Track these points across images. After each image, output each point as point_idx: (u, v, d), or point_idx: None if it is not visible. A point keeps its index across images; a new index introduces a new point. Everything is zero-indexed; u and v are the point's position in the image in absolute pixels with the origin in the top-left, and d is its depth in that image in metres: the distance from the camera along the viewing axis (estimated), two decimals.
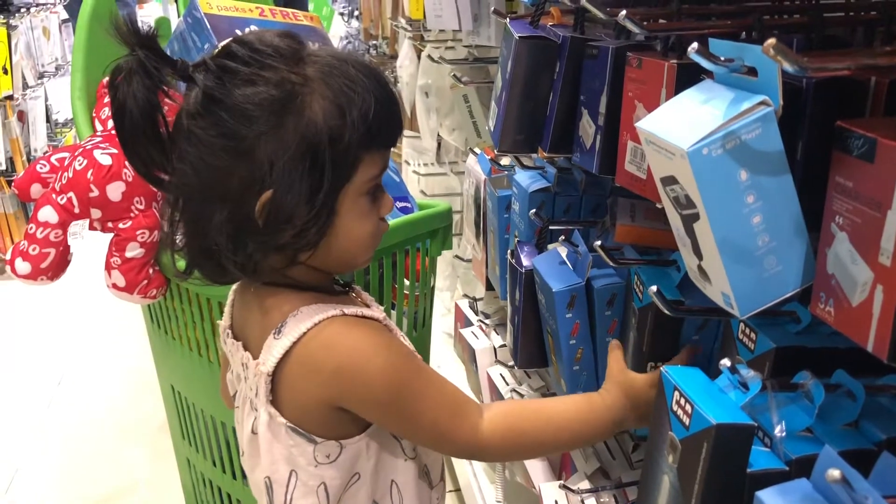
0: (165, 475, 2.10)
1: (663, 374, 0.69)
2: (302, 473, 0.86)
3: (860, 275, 0.58)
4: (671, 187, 0.67)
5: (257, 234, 0.81)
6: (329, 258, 0.86)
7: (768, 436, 0.67)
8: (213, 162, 0.79)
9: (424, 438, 0.89)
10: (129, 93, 0.79)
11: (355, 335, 0.83)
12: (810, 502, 0.55)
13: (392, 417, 0.86)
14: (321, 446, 0.85)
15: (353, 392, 0.83)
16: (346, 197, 0.83)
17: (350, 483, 0.88)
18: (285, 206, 0.79)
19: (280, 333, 0.83)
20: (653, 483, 0.70)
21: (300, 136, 0.79)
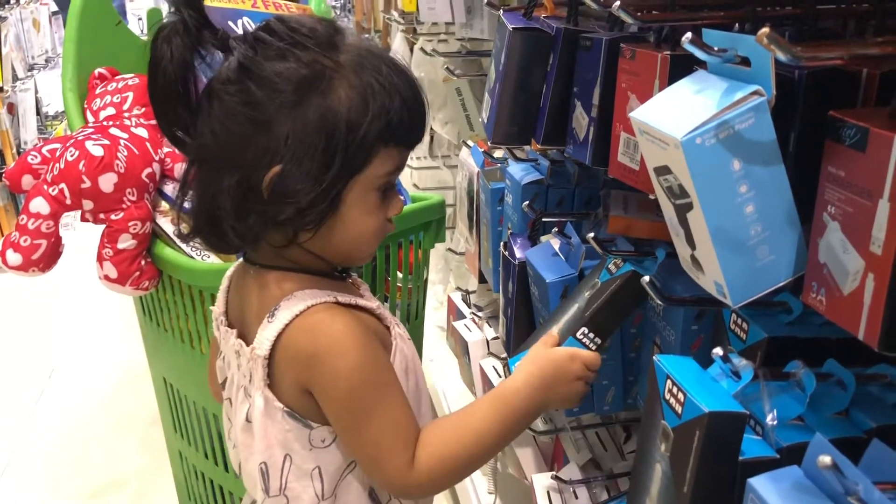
0: (157, 468, 2.10)
1: (656, 362, 0.69)
2: (296, 457, 0.87)
3: (852, 264, 0.59)
4: (665, 177, 0.67)
5: (261, 205, 0.82)
6: (329, 246, 0.86)
7: (760, 424, 0.67)
8: (233, 128, 0.81)
9: (361, 453, 0.86)
10: (167, 50, 0.80)
11: (339, 327, 0.83)
12: (801, 489, 0.56)
13: (342, 419, 0.84)
14: (316, 431, 0.86)
15: (319, 380, 0.83)
16: (355, 187, 0.83)
17: (346, 471, 0.88)
18: (291, 182, 0.80)
19: (273, 317, 0.84)
20: (645, 472, 0.71)
21: (319, 117, 0.80)
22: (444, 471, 0.86)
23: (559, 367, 0.90)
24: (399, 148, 0.85)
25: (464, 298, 1.78)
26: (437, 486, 0.88)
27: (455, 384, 1.97)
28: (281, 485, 0.88)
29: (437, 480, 0.86)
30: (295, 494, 0.88)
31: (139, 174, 1.39)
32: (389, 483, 0.86)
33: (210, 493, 1.66)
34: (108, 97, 1.53)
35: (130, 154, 1.39)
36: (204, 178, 0.85)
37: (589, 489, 1.11)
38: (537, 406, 0.89)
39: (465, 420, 0.88)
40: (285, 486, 0.88)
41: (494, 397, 0.89)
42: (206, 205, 0.84)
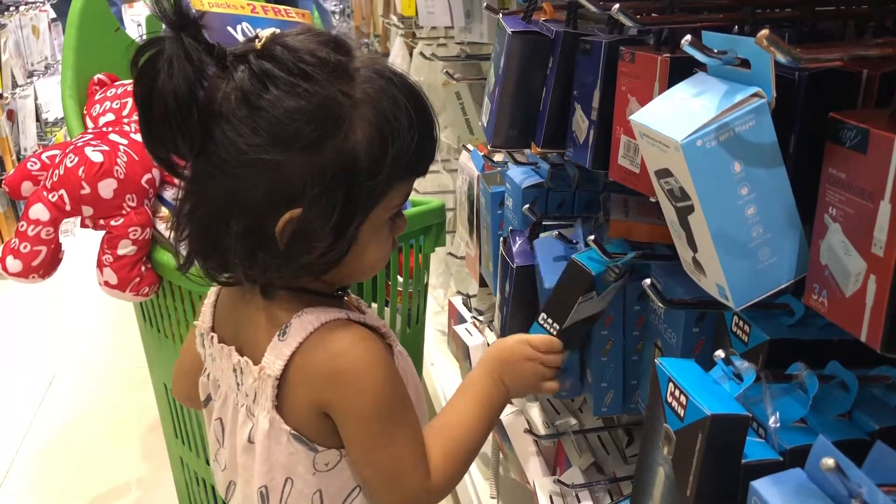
0: (157, 475, 2.10)
1: (657, 365, 0.69)
2: (298, 481, 0.84)
3: (853, 265, 0.58)
4: (665, 180, 0.67)
5: (277, 253, 0.77)
6: (337, 274, 0.84)
7: (762, 427, 0.67)
8: (239, 169, 0.75)
9: (383, 470, 0.84)
10: (167, 79, 0.72)
11: (363, 346, 0.81)
12: (805, 491, 0.56)
13: (366, 436, 0.82)
14: (321, 455, 0.83)
15: (342, 398, 0.81)
16: (369, 224, 0.80)
17: (351, 496, 0.86)
18: (311, 229, 0.76)
19: (285, 335, 0.80)
20: (648, 475, 0.71)
21: (339, 163, 0.75)
22: (454, 468, 0.87)
23: (507, 350, 0.93)
24: (411, 179, 0.84)
25: (464, 302, 1.78)
26: (450, 486, 0.89)
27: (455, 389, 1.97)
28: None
29: (451, 480, 0.88)
30: None
31: (139, 180, 1.39)
32: (412, 495, 0.84)
33: (211, 499, 1.66)
34: (108, 103, 1.53)
35: (130, 160, 1.39)
36: (206, 217, 0.79)
37: (591, 493, 1.11)
38: (501, 391, 0.92)
39: (450, 417, 0.90)
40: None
41: (464, 390, 0.93)
42: (208, 243, 0.80)
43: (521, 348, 0.93)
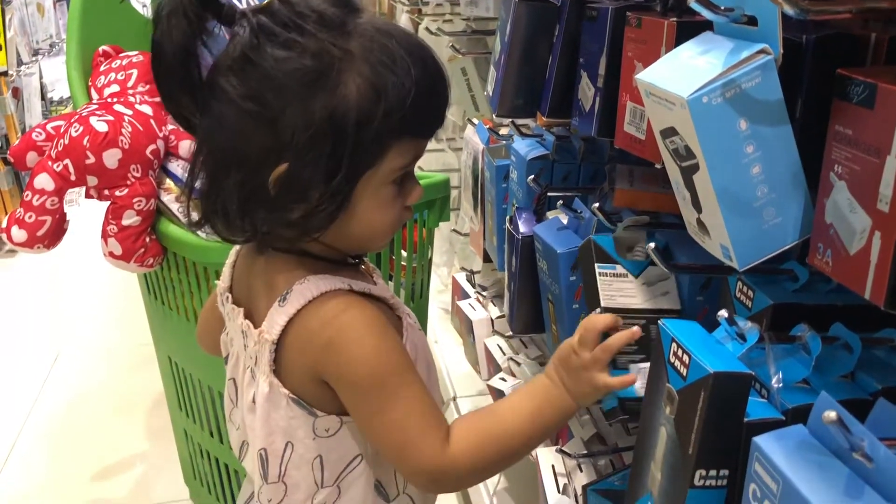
0: (162, 450, 2.11)
1: (661, 326, 0.69)
2: (298, 445, 0.84)
3: (858, 223, 0.58)
4: (671, 139, 0.67)
5: (267, 207, 0.78)
6: (341, 240, 0.83)
7: (765, 387, 0.67)
8: (237, 123, 0.76)
9: (388, 440, 0.82)
10: (166, 33, 0.75)
11: (354, 313, 0.80)
12: (807, 446, 0.56)
13: (364, 405, 0.81)
14: (321, 420, 0.83)
15: (336, 367, 0.80)
16: (368, 184, 0.78)
17: (352, 464, 0.86)
18: (299, 183, 0.76)
19: (285, 301, 0.81)
20: (650, 436, 0.71)
21: (327, 114, 0.74)
22: (481, 451, 0.81)
23: (561, 348, 0.84)
24: (416, 139, 0.80)
25: (468, 279, 1.78)
26: (472, 472, 0.82)
27: (459, 365, 1.98)
28: (280, 472, 0.85)
29: (475, 462, 0.81)
30: (293, 482, 0.85)
31: (143, 151, 1.39)
32: (422, 466, 0.80)
33: (215, 471, 1.66)
34: (113, 74, 1.53)
35: (135, 130, 1.39)
36: (211, 170, 0.80)
37: (594, 462, 1.11)
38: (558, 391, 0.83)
39: (496, 405, 0.87)
40: (284, 473, 0.86)
41: (521, 387, 0.87)
42: (213, 198, 0.80)
43: (569, 341, 0.84)
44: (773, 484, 0.55)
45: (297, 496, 0.86)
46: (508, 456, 0.83)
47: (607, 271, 0.93)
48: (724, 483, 0.64)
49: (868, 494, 0.51)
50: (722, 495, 0.64)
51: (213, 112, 0.78)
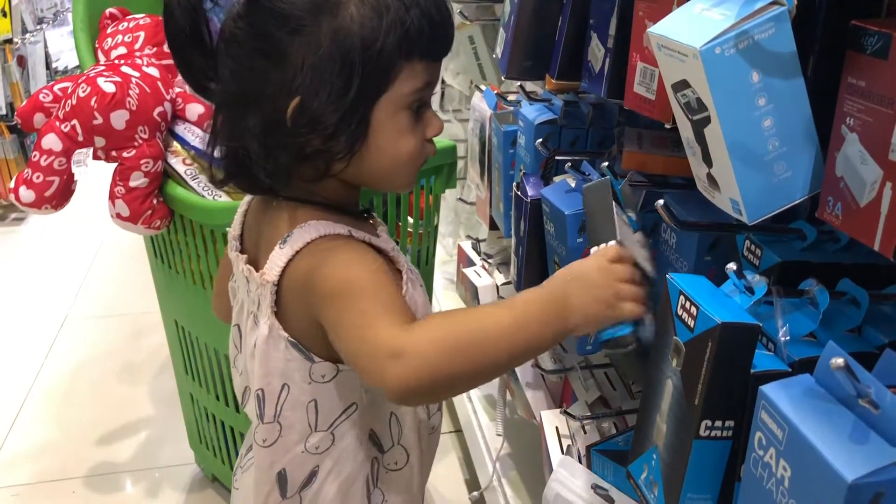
0: (166, 415, 2.12)
1: (669, 280, 0.69)
2: (294, 388, 0.85)
3: (869, 174, 0.58)
4: (682, 93, 0.67)
5: (287, 139, 0.79)
6: (364, 173, 0.84)
7: (772, 342, 0.68)
8: (250, 64, 0.79)
9: (347, 336, 0.77)
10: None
11: (346, 252, 0.81)
12: (813, 394, 0.56)
13: (332, 315, 0.78)
14: (318, 365, 0.84)
15: (314, 294, 0.79)
16: (382, 108, 0.80)
17: (347, 412, 0.87)
18: (313, 111, 0.78)
19: (285, 243, 0.83)
20: (656, 389, 0.71)
21: (331, 38, 0.77)
22: (445, 349, 0.73)
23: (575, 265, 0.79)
24: (425, 62, 0.81)
25: (474, 247, 1.78)
26: (438, 361, 0.73)
27: None
28: (275, 412, 0.87)
29: (439, 352, 0.73)
30: (288, 423, 0.87)
31: (151, 112, 1.39)
32: (377, 340, 0.74)
33: (220, 435, 1.68)
34: (120, 37, 1.52)
35: (142, 92, 1.39)
36: (229, 123, 0.83)
37: (598, 424, 1.12)
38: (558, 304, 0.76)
39: (474, 309, 0.87)
40: (279, 413, 0.87)
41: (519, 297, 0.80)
42: (234, 148, 0.83)
43: (591, 260, 0.78)
44: (780, 431, 0.56)
45: (291, 437, 0.87)
46: (479, 353, 0.74)
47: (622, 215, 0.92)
48: (729, 434, 0.65)
49: (874, 440, 0.52)
50: (727, 446, 0.65)
51: (227, 63, 0.81)
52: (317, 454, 0.88)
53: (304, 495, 0.90)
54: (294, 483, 0.89)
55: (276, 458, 0.89)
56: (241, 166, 0.84)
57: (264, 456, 0.89)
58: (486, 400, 1.80)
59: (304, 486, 0.89)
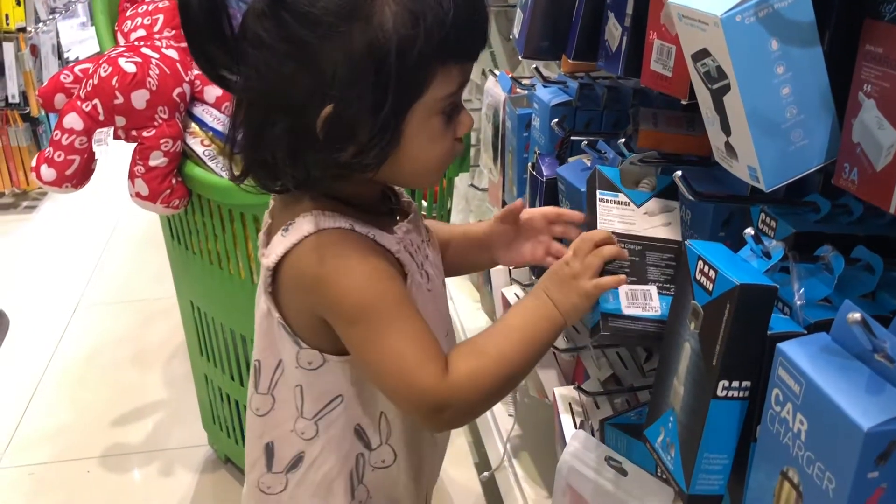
0: (179, 398, 2.15)
1: (687, 246, 0.71)
2: (286, 369, 0.86)
3: (886, 139, 0.60)
4: (703, 62, 0.68)
5: (317, 150, 0.76)
6: (390, 176, 0.82)
7: (788, 306, 0.69)
8: (277, 68, 0.75)
9: (384, 371, 0.80)
10: None
11: (345, 249, 0.79)
12: (829, 350, 0.58)
13: (357, 336, 0.80)
14: (305, 352, 0.84)
15: (328, 302, 0.80)
16: (416, 116, 0.77)
17: (332, 404, 0.87)
18: (347, 122, 0.75)
19: (287, 231, 0.81)
20: (674, 354, 0.73)
21: (366, 45, 0.72)
22: (480, 376, 0.80)
23: (550, 269, 0.86)
24: (460, 64, 0.78)
25: None
26: (475, 398, 0.80)
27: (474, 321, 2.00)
28: (269, 385, 0.87)
29: (476, 390, 0.79)
30: (282, 398, 0.87)
31: (170, 93, 1.41)
32: (423, 396, 0.78)
33: (234, 415, 1.70)
34: (139, 19, 1.54)
35: (162, 73, 1.41)
36: (253, 122, 0.79)
37: (610, 400, 1.14)
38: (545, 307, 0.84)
39: (487, 331, 0.86)
40: (273, 387, 0.87)
41: (507, 311, 0.88)
42: (258, 149, 0.80)
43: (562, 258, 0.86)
44: (797, 386, 0.57)
45: (282, 413, 0.88)
46: (507, 378, 0.82)
47: (608, 198, 0.93)
48: (745, 395, 0.66)
49: (889, 392, 0.53)
50: (744, 407, 0.67)
51: (250, 62, 0.77)
52: (303, 439, 0.88)
53: (290, 477, 0.90)
54: (281, 460, 0.90)
55: (265, 430, 0.90)
56: (263, 166, 0.81)
57: (256, 425, 0.90)
58: None
59: (291, 468, 0.90)
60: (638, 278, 0.87)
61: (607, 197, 0.95)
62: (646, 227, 0.93)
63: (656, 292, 0.86)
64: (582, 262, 0.84)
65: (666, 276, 0.88)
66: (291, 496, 0.91)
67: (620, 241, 0.89)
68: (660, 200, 0.93)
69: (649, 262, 0.90)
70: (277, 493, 0.91)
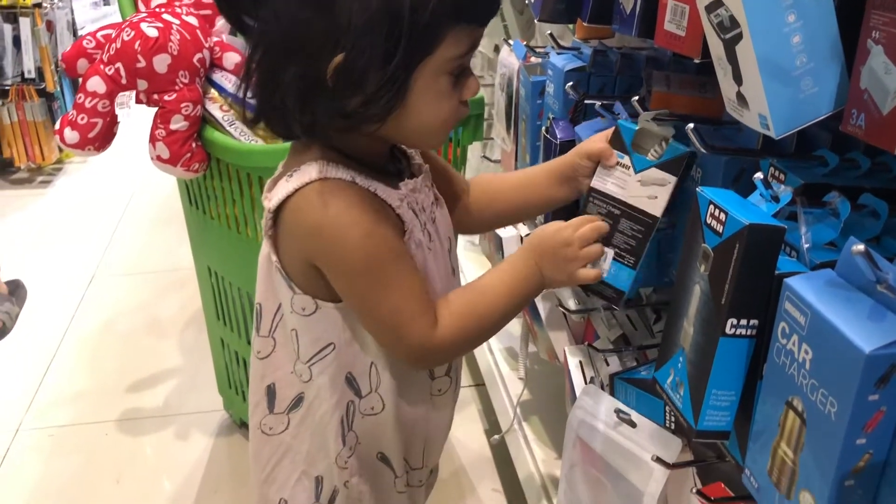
0: (194, 365, 2.19)
1: (698, 192, 0.74)
2: (285, 313, 0.89)
3: (893, 83, 0.62)
4: (716, 12, 0.70)
5: (326, 97, 0.79)
6: (396, 133, 0.85)
7: (795, 249, 0.72)
8: (295, 13, 0.78)
9: (380, 323, 0.86)
10: None
11: (346, 200, 0.82)
12: (834, 284, 0.60)
13: (357, 289, 0.84)
14: (298, 297, 0.87)
15: (327, 254, 0.83)
16: (424, 73, 0.79)
17: (324, 351, 0.90)
18: (356, 72, 0.77)
19: (290, 177, 0.84)
20: (684, 297, 0.76)
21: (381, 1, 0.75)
22: (465, 327, 0.88)
23: (546, 237, 0.91)
24: (471, 27, 0.81)
25: None
26: (460, 345, 0.91)
27: None
28: (270, 328, 0.91)
29: (460, 338, 0.89)
30: (281, 341, 0.91)
31: (191, 58, 1.43)
32: (413, 347, 0.86)
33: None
34: None
35: (183, 38, 1.43)
36: (267, 66, 0.82)
37: (620, 357, 1.16)
38: (535, 275, 0.91)
39: (476, 283, 0.92)
40: (274, 330, 0.91)
41: (498, 267, 0.94)
42: (270, 94, 0.82)
43: (559, 234, 0.91)
44: (802, 318, 0.60)
45: (282, 355, 0.91)
46: (487, 330, 0.92)
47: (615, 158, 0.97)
48: (753, 333, 0.69)
49: (890, 319, 0.56)
50: (751, 345, 0.69)
51: (269, 6, 0.80)
52: (302, 381, 0.92)
53: (291, 417, 0.94)
54: (282, 400, 0.93)
55: (266, 372, 0.93)
56: (274, 111, 0.84)
57: (258, 367, 0.94)
58: (506, 352, 1.85)
59: (293, 407, 0.93)
60: (603, 240, 0.93)
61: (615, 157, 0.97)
62: (633, 195, 0.95)
63: (612, 256, 0.93)
64: (581, 251, 0.91)
65: (628, 245, 0.93)
66: (294, 435, 0.95)
67: (605, 201, 0.95)
68: (658, 171, 0.95)
69: (619, 229, 0.94)
70: (279, 433, 0.95)
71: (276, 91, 0.82)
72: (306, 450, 0.95)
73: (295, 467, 0.96)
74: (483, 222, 1.11)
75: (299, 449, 0.95)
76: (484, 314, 0.90)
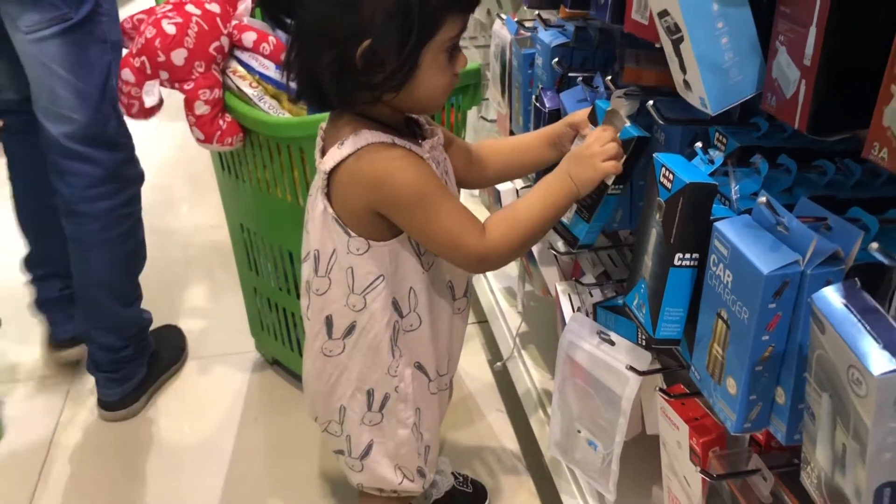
0: (224, 312, 2.38)
1: (654, 158, 0.95)
2: (339, 255, 1.13)
3: (792, 75, 0.83)
4: (664, 19, 0.91)
5: (356, 74, 1.02)
6: (406, 101, 1.08)
7: (727, 199, 0.94)
8: (327, 11, 1.01)
9: (439, 242, 1.10)
10: None
11: (392, 154, 1.07)
12: (749, 225, 0.82)
13: (415, 220, 1.08)
14: (353, 240, 1.11)
15: (389, 197, 1.07)
16: (429, 52, 1.03)
17: (375, 282, 1.14)
18: (379, 54, 1.00)
19: (342, 145, 1.08)
20: (645, 238, 0.98)
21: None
22: (510, 234, 1.11)
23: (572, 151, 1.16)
24: (462, 13, 1.05)
25: None
26: (508, 248, 1.11)
27: None
28: (326, 269, 1.15)
29: (508, 243, 1.11)
30: (336, 280, 1.15)
31: (207, 48, 1.63)
32: (469, 254, 1.09)
33: (282, 319, 1.96)
34: None
35: (200, 30, 1.62)
36: (305, 54, 1.06)
37: (602, 289, 1.39)
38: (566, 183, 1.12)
39: (517, 202, 1.15)
40: (329, 270, 1.15)
41: (535, 186, 1.16)
42: (308, 76, 1.06)
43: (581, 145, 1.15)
44: (726, 250, 0.82)
45: (336, 291, 1.15)
46: (531, 234, 1.13)
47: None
48: (694, 263, 0.91)
49: (784, 250, 0.78)
50: (693, 273, 0.92)
51: (305, 5, 1.03)
52: (354, 311, 1.16)
53: (346, 342, 1.19)
54: (338, 328, 1.18)
55: (324, 306, 1.18)
56: (314, 89, 1.09)
57: (317, 302, 1.18)
58: (506, 291, 2.07)
59: (347, 334, 1.18)
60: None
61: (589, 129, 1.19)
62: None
63: (574, 210, 1.19)
64: (601, 147, 1.12)
65: (585, 203, 1.18)
66: (349, 356, 1.20)
67: None
68: None
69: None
70: (337, 354, 1.20)
71: (314, 73, 1.06)
72: (358, 369, 1.20)
73: (349, 384, 1.21)
74: (484, 178, 1.35)
75: (353, 368, 1.20)
76: (522, 218, 1.12)
